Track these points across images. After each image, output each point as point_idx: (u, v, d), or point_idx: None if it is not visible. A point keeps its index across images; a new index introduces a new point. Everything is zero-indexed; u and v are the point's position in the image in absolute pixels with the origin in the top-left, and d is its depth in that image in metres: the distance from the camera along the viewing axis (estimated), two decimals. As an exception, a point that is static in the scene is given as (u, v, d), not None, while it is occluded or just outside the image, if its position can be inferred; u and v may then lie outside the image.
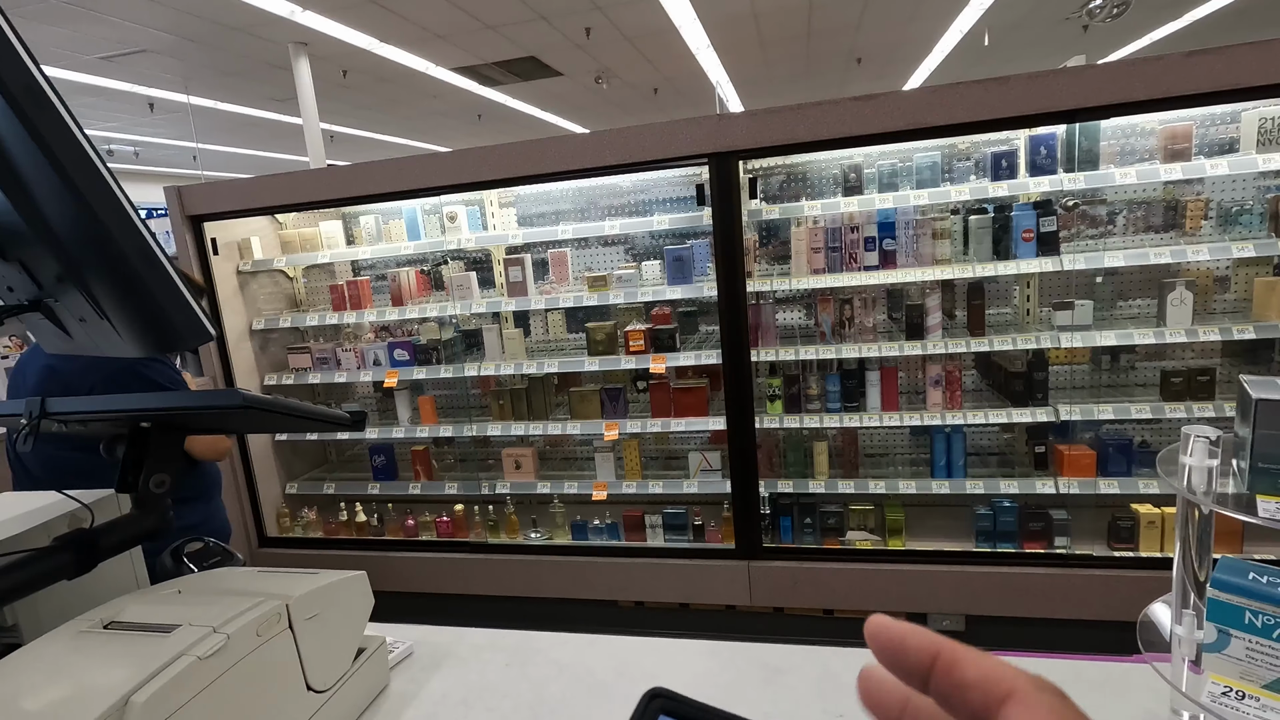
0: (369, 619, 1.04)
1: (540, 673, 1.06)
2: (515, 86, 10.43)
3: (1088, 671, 1.05)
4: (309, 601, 0.90)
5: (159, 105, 9.85)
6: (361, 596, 1.02)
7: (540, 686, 1.02)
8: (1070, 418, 2.79)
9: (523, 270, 3.25)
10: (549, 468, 3.69)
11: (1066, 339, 2.74)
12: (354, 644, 1.00)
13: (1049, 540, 2.90)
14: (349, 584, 1.00)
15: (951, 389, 2.98)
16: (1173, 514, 2.84)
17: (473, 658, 1.10)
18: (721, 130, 2.72)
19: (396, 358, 3.48)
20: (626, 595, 3.26)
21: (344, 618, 0.98)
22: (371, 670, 1.03)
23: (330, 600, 0.95)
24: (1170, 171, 2.56)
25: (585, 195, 3.55)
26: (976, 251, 2.86)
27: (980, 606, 2.89)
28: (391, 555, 3.48)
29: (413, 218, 3.39)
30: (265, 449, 3.65)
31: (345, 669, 0.97)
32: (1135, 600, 2.58)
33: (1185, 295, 2.69)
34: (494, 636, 1.14)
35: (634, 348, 3.17)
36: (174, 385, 2.06)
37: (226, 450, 2.16)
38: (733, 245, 2.85)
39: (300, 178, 3.20)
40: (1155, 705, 0.94)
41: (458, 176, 3.01)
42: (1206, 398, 2.74)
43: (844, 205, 2.86)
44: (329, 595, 0.95)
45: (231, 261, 3.51)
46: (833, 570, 2.99)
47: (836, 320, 3.02)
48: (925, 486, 2.98)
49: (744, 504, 3.07)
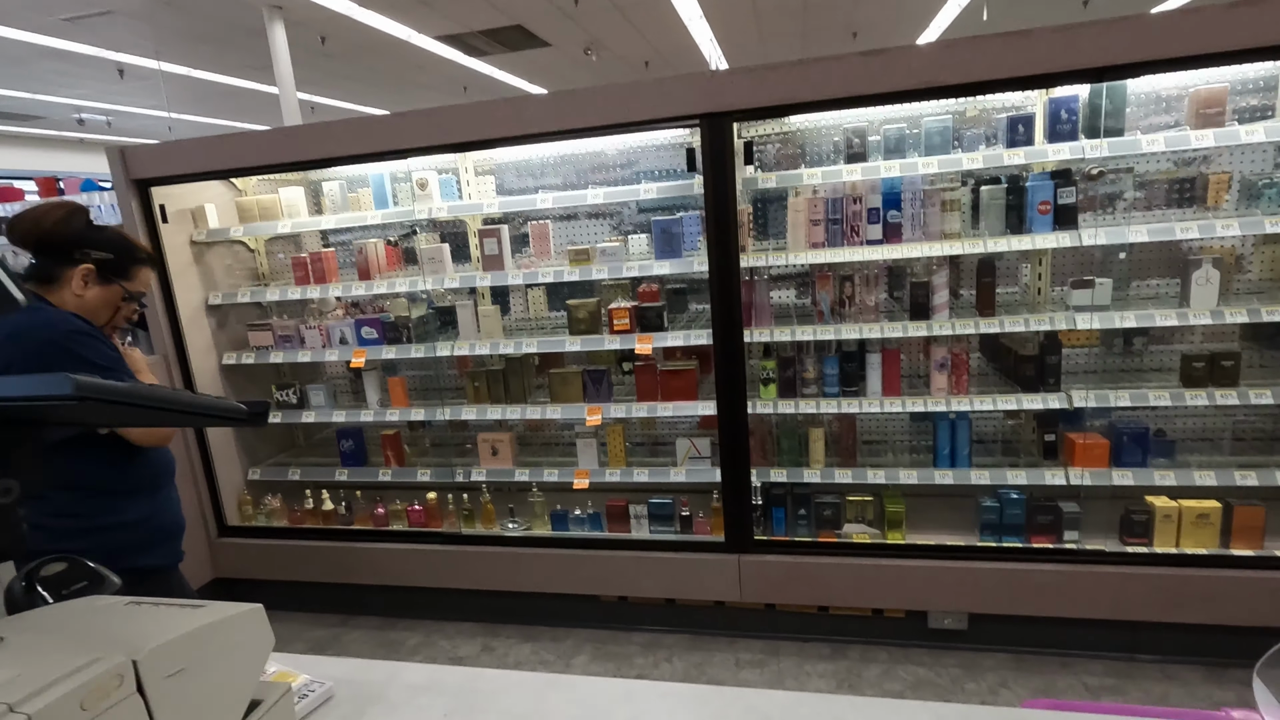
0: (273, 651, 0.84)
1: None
2: (502, 58, 10.07)
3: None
4: (171, 653, 0.69)
5: (129, 72, 9.42)
6: (256, 637, 0.81)
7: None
8: (1084, 404, 2.60)
9: (499, 242, 3.01)
10: (528, 454, 3.49)
11: (1084, 320, 2.55)
12: (244, 697, 0.79)
13: (1058, 534, 2.72)
14: (237, 623, 0.78)
15: (958, 373, 2.78)
16: (1191, 507, 2.69)
17: (406, 703, 0.89)
18: (715, 88, 2.48)
19: (364, 336, 3.24)
20: (609, 590, 3.07)
21: (228, 667, 0.76)
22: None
23: (206, 647, 0.73)
24: (1202, 138, 2.35)
25: (569, 164, 3.31)
26: (988, 225, 2.64)
27: (984, 604, 2.72)
28: (359, 545, 3.27)
29: (381, 185, 3.14)
30: (224, 430, 3.41)
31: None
32: (1149, 600, 2.35)
33: (1211, 274, 2.49)
34: (434, 675, 0.94)
35: (619, 326, 2.95)
36: (109, 364, 1.82)
37: (169, 436, 1.92)
38: (726, 215, 2.63)
39: (256, 138, 2.94)
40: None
41: (429, 138, 2.76)
42: (1229, 384, 2.55)
43: (846, 174, 2.64)
44: (205, 640, 0.73)
45: (185, 231, 3.25)
46: (828, 565, 2.81)
47: (835, 299, 2.81)
48: (927, 476, 2.80)
49: (735, 494, 2.88)
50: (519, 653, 3.03)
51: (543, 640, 3.10)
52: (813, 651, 2.87)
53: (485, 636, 3.16)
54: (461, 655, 3.04)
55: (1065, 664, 2.69)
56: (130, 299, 1.99)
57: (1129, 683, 2.57)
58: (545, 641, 3.09)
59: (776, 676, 2.74)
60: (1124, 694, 2.51)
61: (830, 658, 2.83)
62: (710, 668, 2.83)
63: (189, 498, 3.30)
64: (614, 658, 2.94)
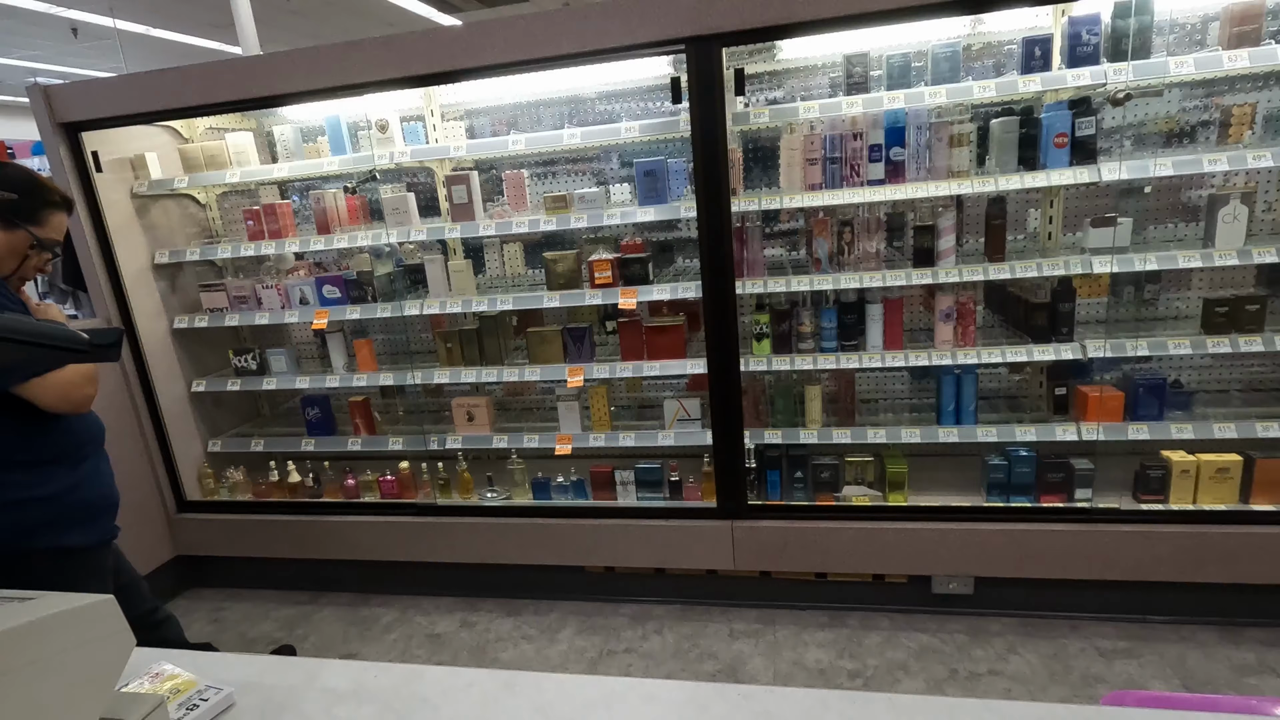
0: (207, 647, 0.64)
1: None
2: (478, 14, 9.62)
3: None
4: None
5: (84, 30, 8.91)
6: (105, 638, 0.61)
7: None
8: (1100, 354, 2.43)
9: (469, 190, 2.77)
10: (506, 419, 3.28)
11: (1101, 263, 2.36)
12: (89, 716, 0.59)
13: (1069, 493, 2.57)
14: (75, 621, 0.58)
15: (964, 324, 2.59)
16: (1209, 461, 2.54)
17: (323, 714, 0.70)
18: (702, 8, 2.23)
19: (326, 295, 3.00)
20: (595, 560, 2.90)
21: (59, 677, 0.56)
22: (131, 751, 0.62)
23: (22, 651, 0.53)
24: (1235, 58, 2.15)
25: (545, 108, 3.05)
26: (999, 161, 2.44)
27: (991, 567, 2.58)
28: (330, 519, 3.07)
29: (338, 128, 2.87)
30: (179, 399, 3.18)
31: (60, 764, 0.56)
32: (1165, 560, 2.15)
33: (1240, 210, 2.31)
34: (361, 677, 0.74)
35: (600, 280, 2.73)
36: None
37: (86, 399, 1.69)
38: (715, 153, 2.40)
39: (197, 73, 2.65)
40: None
41: (387, 69, 2.49)
42: (1255, 329, 2.39)
43: (846, 106, 2.41)
44: (20, 644, 0.53)
45: (124, 183, 2.97)
46: (826, 529, 2.65)
47: (834, 246, 2.60)
48: (931, 435, 2.63)
49: (727, 457, 2.70)
50: (500, 627, 2.86)
51: (525, 614, 2.93)
52: (810, 620, 2.73)
53: (464, 611, 2.99)
54: (439, 631, 2.87)
55: (1075, 627, 2.56)
56: (40, 247, 1.75)
57: (1142, 645, 2.44)
58: (528, 615, 2.92)
59: (773, 647, 2.59)
60: (1138, 657, 2.38)
61: (829, 626, 2.69)
62: (703, 639, 2.67)
63: (140, 471, 3.08)
64: (600, 630, 2.78)
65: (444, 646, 2.78)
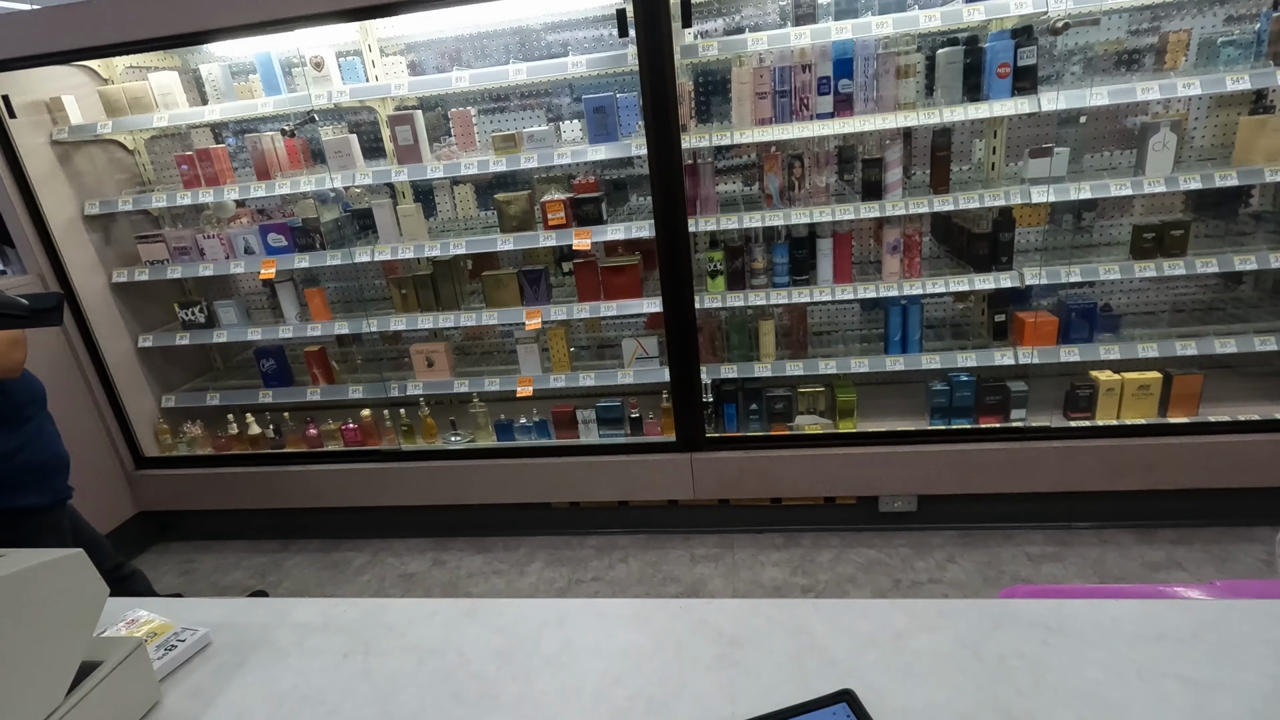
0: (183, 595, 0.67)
1: (392, 667, 0.72)
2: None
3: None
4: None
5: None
6: (78, 588, 0.64)
7: (388, 696, 0.68)
8: (1036, 281, 2.54)
9: (413, 130, 2.69)
10: (466, 364, 3.30)
11: (1039, 193, 2.44)
12: (69, 662, 0.63)
13: (1005, 414, 2.73)
14: (47, 574, 0.61)
15: (910, 255, 2.67)
16: (1132, 379, 2.72)
17: (295, 647, 0.75)
18: (646, -64, 2.16)
19: (272, 244, 2.92)
20: (560, 496, 3.00)
21: (34, 629, 0.59)
22: (112, 693, 0.67)
23: (1, 609, 0.56)
24: (1171, -14, 2.18)
25: (490, 42, 2.94)
26: (945, 92, 2.46)
27: (933, 486, 2.75)
28: (294, 469, 3.09)
29: (269, 66, 2.73)
30: (126, 355, 3.10)
31: (50, 707, 0.60)
32: (1090, 471, 2.35)
33: (1169, 138, 2.39)
34: (329, 611, 0.80)
35: (554, 221, 2.71)
36: None
37: (15, 364, 1.65)
38: (664, 88, 2.37)
39: (109, 8, 2.48)
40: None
41: (317, 3, 2.37)
42: (1178, 253, 2.52)
43: (794, 38, 2.39)
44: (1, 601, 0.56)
45: (42, 129, 2.80)
46: (781, 458, 2.77)
47: (785, 181, 2.62)
48: (879, 364, 2.74)
49: (684, 392, 2.78)
50: (471, 564, 2.96)
51: (495, 550, 3.03)
52: (767, 542, 2.89)
53: (435, 551, 3.08)
54: (411, 571, 2.95)
55: (1008, 536, 2.77)
56: None
57: (1067, 549, 2.66)
58: (498, 551, 3.02)
59: (732, 569, 2.74)
60: (1063, 560, 2.60)
61: (784, 547, 2.85)
62: (666, 564, 2.81)
63: (92, 430, 3.03)
64: (568, 562, 2.90)
65: (417, 584, 2.87)
